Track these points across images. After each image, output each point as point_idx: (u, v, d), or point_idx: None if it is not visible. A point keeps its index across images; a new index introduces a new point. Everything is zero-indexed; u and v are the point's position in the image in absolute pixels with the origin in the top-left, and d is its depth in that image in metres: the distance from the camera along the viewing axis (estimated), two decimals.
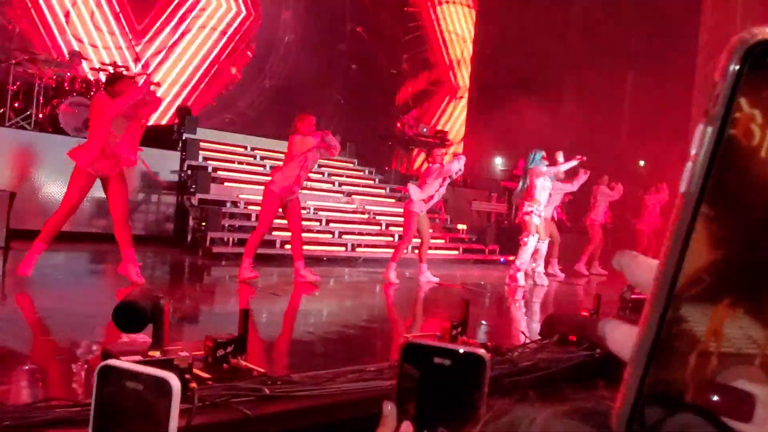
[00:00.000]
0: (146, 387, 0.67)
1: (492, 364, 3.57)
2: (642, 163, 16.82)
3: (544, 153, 9.00)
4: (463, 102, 20.00)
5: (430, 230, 9.24)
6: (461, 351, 0.76)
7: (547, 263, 10.05)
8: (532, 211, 8.79)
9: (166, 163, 10.30)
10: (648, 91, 14.38)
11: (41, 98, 9.88)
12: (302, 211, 7.40)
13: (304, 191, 8.31)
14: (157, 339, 2.02)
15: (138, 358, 1.91)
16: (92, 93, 10.19)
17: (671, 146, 14.23)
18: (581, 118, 14.98)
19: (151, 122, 13.81)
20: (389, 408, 0.79)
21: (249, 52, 16.04)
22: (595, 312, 4.82)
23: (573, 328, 4.17)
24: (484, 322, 5.80)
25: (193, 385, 2.01)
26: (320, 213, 10.83)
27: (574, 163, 9.22)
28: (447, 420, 0.75)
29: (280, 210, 7.22)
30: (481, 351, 0.76)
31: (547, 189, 8.93)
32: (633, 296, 5.24)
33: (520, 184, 9.15)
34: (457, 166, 8.39)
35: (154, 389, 0.66)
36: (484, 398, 0.75)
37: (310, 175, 8.00)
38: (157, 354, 2.03)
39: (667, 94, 14.06)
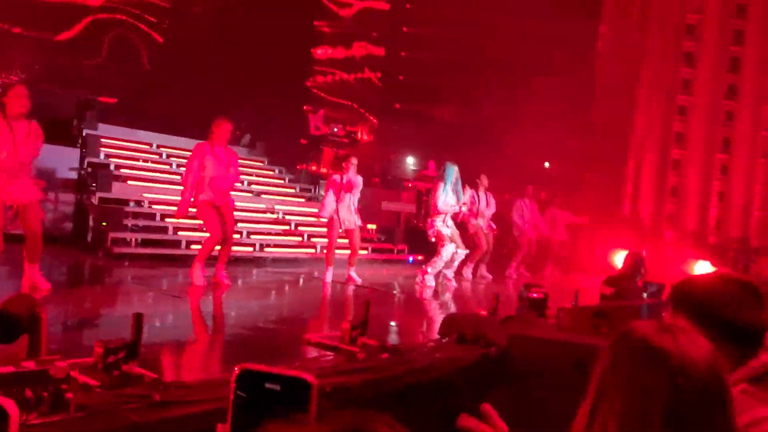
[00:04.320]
0: None
1: (390, 364, 3.58)
2: (547, 164, 17.48)
3: (456, 167, 9.12)
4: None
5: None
6: (290, 376, 0.80)
7: (475, 269, 10.32)
8: (437, 223, 8.95)
9: (63, 160, 9.89)
10: (552, 96, 14.95)
11: None
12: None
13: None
14: (32, 349, 1.95)
15: (11, 369, 1.85)
16: None
17: (575, 146, 14.89)
18: (490, 121, 15.40)
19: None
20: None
21: (156, 44, 15.59)
22: (494, 311, 4.98)
23: (471, 327, 4.29)
24: (393, 322, 5.90)
25: (70, 396, 1.96)
26: None
27: (455, 208, 9.19)
28: None
29: None
30: (309, 376, 0.80)
31: (450, 203, 9.03)
32: (530, 295, 5.45)
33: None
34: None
35: None
36: (312, 421, 0.78)
37: None
38: (31, 365, 1.96)
39: (570, 98, 14.67)
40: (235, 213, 10.66)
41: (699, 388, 1.15)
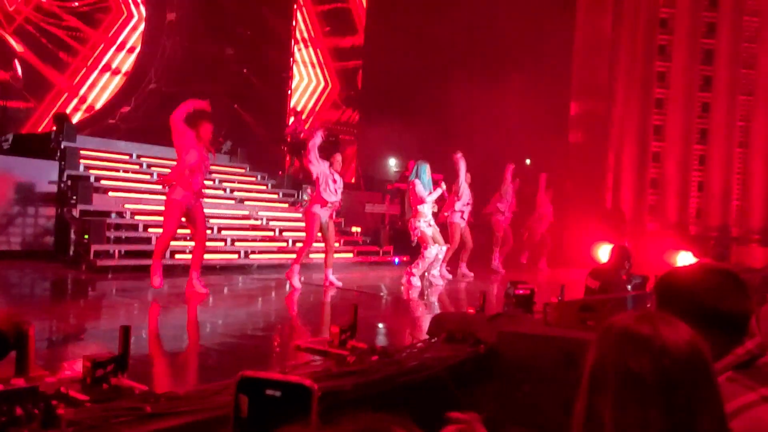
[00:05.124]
0: None
1: (380, 366, 3.59)
2: (528, 161, 17.55)
3: (428, 165, 9.15)
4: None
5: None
6: (290, 383, 0.81)
7: (456, 266, 10.32)
8: (420, 224, 8.95)
9: (43, 174, 9.80)
10: (530, 90, 15.03)
11: None
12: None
13: None
14: (21, 366, 1.94)
15: (0, 387, 1.83)
16: None
17: (553, 140, 14.99)
18: (469, 118, 15.45)
19: (25, 130, 13.14)
20: None
21: (131, 56, 15.49)
22: (481, 309, 5.00)
23: (459, 325, 4.31)
24: (381, 324, 5.90)
25: (61, 411, 1.95)
26: (212, 221, 10.60)
27: (439, 192, 9.15)
28: None
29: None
30: (309, 382, 0.81)
31: (429, 201, 9.04)
32: (516, 292, 5.47)
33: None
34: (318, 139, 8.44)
35: None
36: (313, 427, 0.79)
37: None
38: (21, 382, 1.94)
39: (548, 92, 14.77)
40: (219, 221, 10.69)
41: (684, 366, 1.20)
